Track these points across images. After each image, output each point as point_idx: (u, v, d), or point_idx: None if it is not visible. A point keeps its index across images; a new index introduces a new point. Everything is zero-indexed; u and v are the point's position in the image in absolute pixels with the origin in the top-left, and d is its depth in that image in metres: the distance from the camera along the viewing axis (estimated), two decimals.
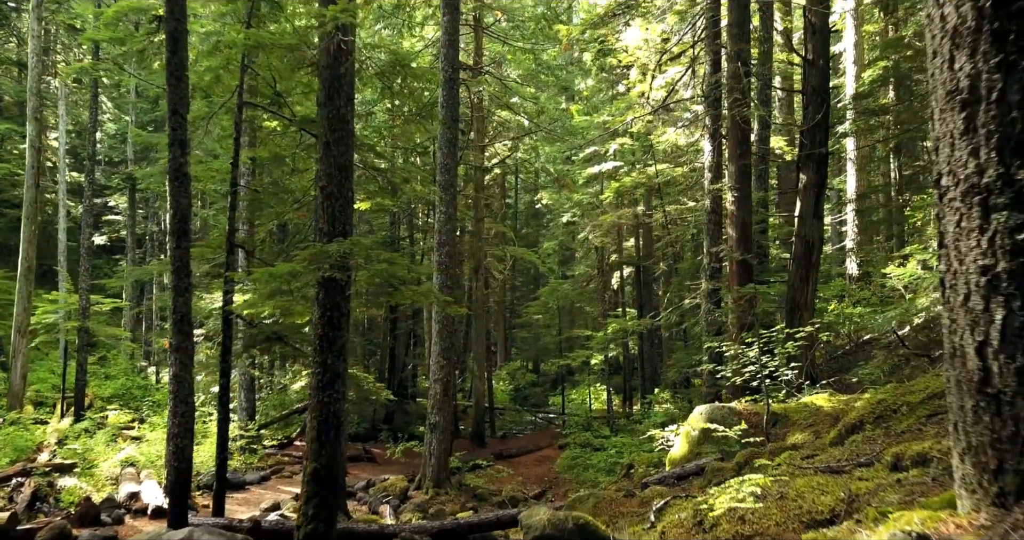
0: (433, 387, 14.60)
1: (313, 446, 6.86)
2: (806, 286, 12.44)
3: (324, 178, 7.18)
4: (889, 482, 3.32)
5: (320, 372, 6.98)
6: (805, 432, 7.57)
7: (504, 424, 27.66)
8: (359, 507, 13.19)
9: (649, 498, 7.19)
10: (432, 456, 14.37)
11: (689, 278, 22.04)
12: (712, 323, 13.00)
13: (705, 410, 8.80)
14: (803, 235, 12.48)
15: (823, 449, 5.59)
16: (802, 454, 5.39)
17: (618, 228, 25.79)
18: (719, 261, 13.33)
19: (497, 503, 14.49)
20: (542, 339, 30.49)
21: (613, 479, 15.81)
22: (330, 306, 7.01)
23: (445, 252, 14.68)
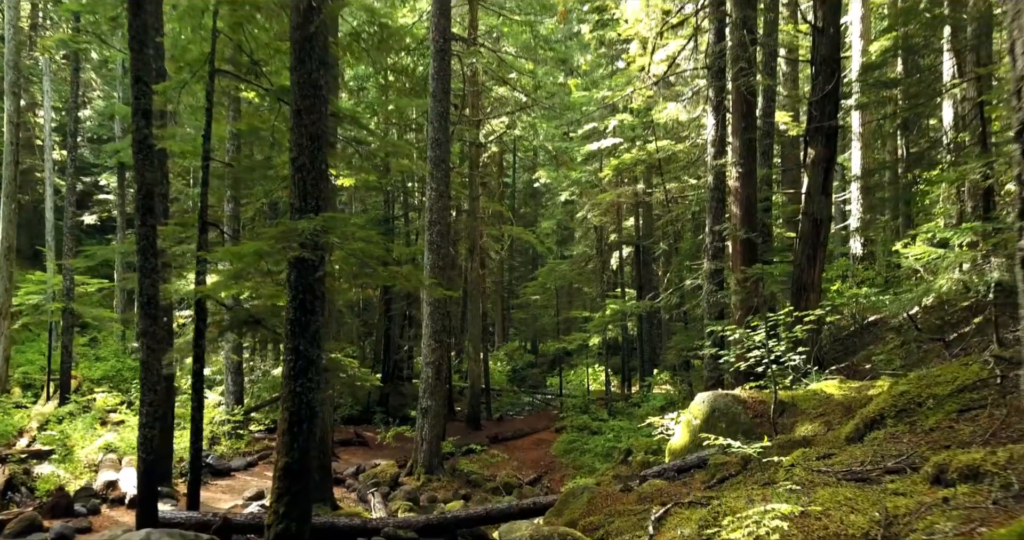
0: (425, 370, 14.12)
1: (284, 439, 6.35)
2: (813, 266, 11.89)
3: (295, 149, 6.60)
4: (934, 500, 2.81)
5: (292, 359, 6.46)
6: (815, 423, 7.07)
7: (501, 406, 27.26)
8: (347, 494, 12.77)
9: (648, 494, 6.71)
10: (424, 441, 13.93)
11: (690, 258, 21.49)
12: (714, 305, 12.46)
13: (707, 398, 8.30)
14: (810, 212, 11.90)
15: (840, 447, 5.07)
16: (817, 452, 4.87)
17: (617, 207, 25.16)
18: (722, 240, 12.76)
19: (491, 490, 14.09)
20: (539, 320, 30.03)
21: (610, 465, 15.38)
22: (303, 288, 6.47)
23: (437, 231, 14.11)
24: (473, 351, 21.52)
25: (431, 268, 14.07)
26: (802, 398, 8.01)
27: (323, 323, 6.64)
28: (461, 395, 25.67)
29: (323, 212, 6.53)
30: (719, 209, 12.90)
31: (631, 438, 15.69)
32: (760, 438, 7.58)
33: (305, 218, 6.18)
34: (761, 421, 7.79)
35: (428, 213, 14.23)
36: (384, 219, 26.58)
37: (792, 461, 4.78)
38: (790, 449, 6.24)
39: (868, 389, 7.62)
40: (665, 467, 7.57)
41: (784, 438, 6.52)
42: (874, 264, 23.60)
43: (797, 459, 4.78)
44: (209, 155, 8.85)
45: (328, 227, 6.19)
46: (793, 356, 8.66)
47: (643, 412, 16.67)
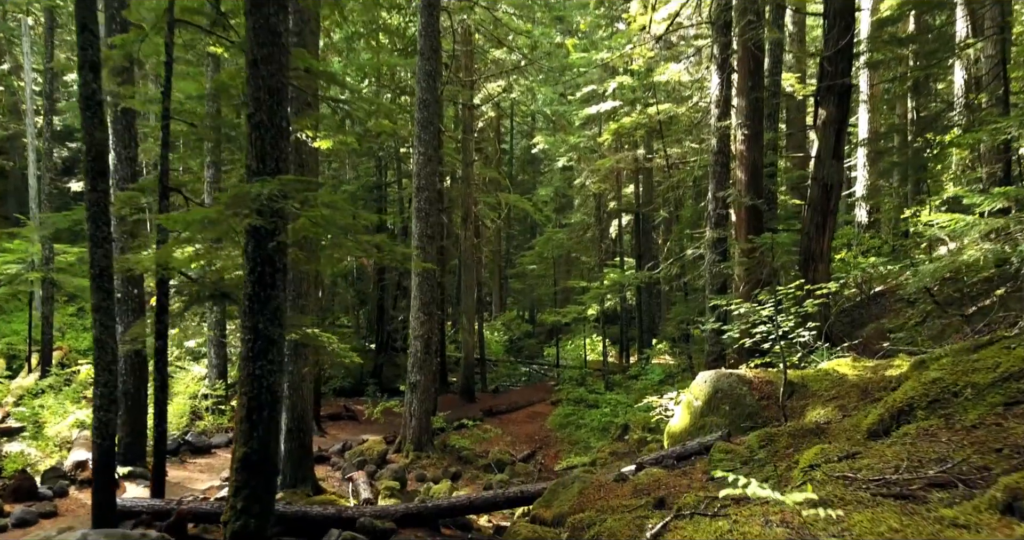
0: (414, 344, 13.52)
1: (242, 427, 5.74)
2: (822, 235, 11.20)
3: (252, 104, 5.86)
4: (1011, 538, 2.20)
5: (251, 339, 5.81)
6: (828, 407, 6.46)
7: (497, 377, 26.80)
8: (332, 473, 12.26)
9: (644, 486, 6.12)
10: (412, 417, 13.39)
11: (691, 226, 20.81)
12: (716, 276, 11.81)
13: (710, 377, 7.68)
14: (820, 178, 11.17)
15: (862, 442, 4.44)
16: (838, 449, 4.24)
17: (617, 173, 24.37)
18: (725, 207, 12.05)
19: (483, 467, 13.60)
20: (536, 290, 29.40)
21: (607, 441, 14.90)
22: (261, 260, 5.79)
23: (425, 198, 13.39)
24: (467, 322, 20.94)
25: (419, 237, 13.39)
26: (812, 378, 7.39)
27: (286, 298, 5.98)
28: (457, 365, 25.20)
29: (284, 174, 5.82)
30: (723, 174, 12.17)
31: (628, 413, 15.18)
32: (766, 422, 6.99)
33: (260, 181, 5.48)
34: (768, 404, 7.18)
35: (416, 178, 13.49)
36: (377, 186, 25.82)
37: (810, 460, 4.16)
38: (802, 439, 5.64)
39: (885, 369, 7.00)
40: (663, 454, 6.99)
41: (794, 425, 5.91)
42: (880, 232, 22.93)
43: (815, 458, 4.15)
44: (168, 114, 8.09)
45: (287, 191, 5.49)
46: (802, 332, 8.03)
47: (641, 386, 16.14)
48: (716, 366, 11.70)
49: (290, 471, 10.34)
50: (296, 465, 10.35)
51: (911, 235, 19.86)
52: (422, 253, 13.34)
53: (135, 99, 9.56)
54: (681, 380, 15.95)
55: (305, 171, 10.43)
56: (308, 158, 10.46)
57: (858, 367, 7.35)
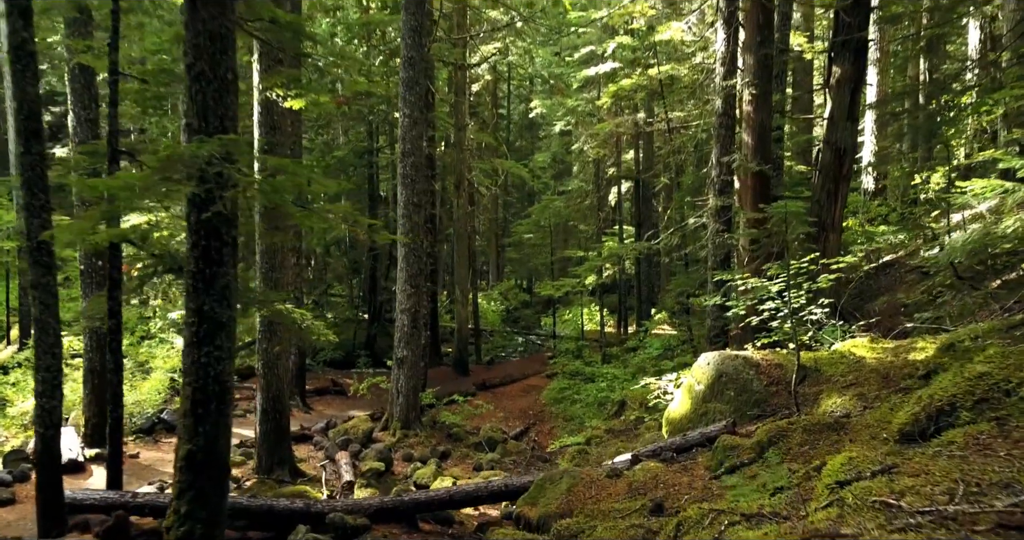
0: (400, 318, 12.86)
1: (186, 422, 5.08)
2: (834, 203, 10.48)
3: (191, 52, 5.08)
4: None
5: (195, 322, 5.12)
6: (846, 395, 5.80)
7: (492, 348, 26.27)
8: (314, 453, 11.69)
9: (640, 483, 5.50)
10: (400, 394, 12.80)
11: (692, 194, 20.03)
12: (720, 247, 11.09)
13: (713, 360, 7.02)
14: (833, 141, 10.40)
15: (895, 450, 3.78)
16: (868, 458, 3.57)
17: (616, 138, 23.49)
18: (730, 173, 11.27)
19: (473, 445, 13.05)
20: (532, 260, 28.65)
21: (602, 419, 14.35)
22: (206, 233, 5.08)
23: (411, 163, 12.60)
24: (460, 294, 20.28)
25: (405, 205, 12.64)
26: (826, 361, 6.73)
27: (236, 276, 5.28)
28: (452, 336, 24.62)
29: (231, 134, 5.06)
30: (728, 138, 11.36)
31: (625, 388, 14.60)
32: (775, 411, 6.34)
33: (197, 141, 4.73)
34: (777, 390, 6.53)
35: (401, 143, 12.68)
36: (368, 151, 24.91)
37: (836, 473, 3.50)
38: (819, 435, 4.99)
39: (908, 351, 6.33)
40: (661, 445, 6.36)
41: (809, 419, 5.25)
42: (887, 200, 22.14)
43: (843, 471, 3.49)
44: (116, 69, 7.29)
45: (230, 153, 4.75)
46: (814, 309, 7.36)
47: (639, 360, 15.54)
48: (718, 342, 11.06)
49: (265, 454, 9.77)
50: (272, 448, 9.77)
51: (921, 202, 19.14)
52: (408, 222, 12.61)
53: (88, 54, 8.72)
54: (680, 354, 15.35)
55: (277, 134, 9.65)
56: (280, 120, 9.67)
57: (877, 349, 6.68)
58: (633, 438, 11.80)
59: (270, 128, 9.53)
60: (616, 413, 13.97)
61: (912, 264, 15.38)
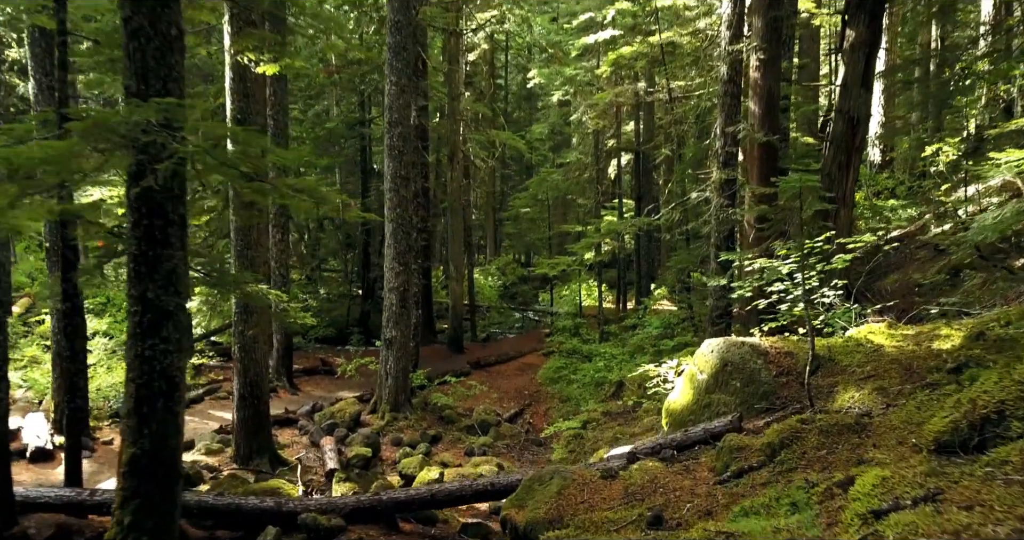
0: (388, 297, 12.32)
1: (130, 422, 4.55)
2: (846, 176, 9.87)
3: (126, 5, 4.45)
4: None
5: (138, 311, 4.56)
6: (865, 388, 5.26)
7: (488, 325, 25.77)
8: (299, 438, 11.23)
9: (637, 487, 4.98)
10: (388, 375, 12.31)
11: (694, 166, 19.38)
12: (723, 223, 10.48)
13: (717, 347, 6.48)
14: (846, 109, 9.75)
15: (935, 468, 3.24)
16: (903, 477, 3.04)
17: (616, 109, 22.71)
18: (735, 144, 10.61)
19: (465, 428, 12.60)
20: (529, 235, 27.99)
21: (600, 400, 13.88)
22: (148, 211, 4.50)
23: (398, 134, 11.95)
24: (455, 270, 19.71)
25: (392, 178, 12.01)
26: (841, 349, 6.18)
27: (184, 258, 4.71)
28: (447, 312, 24.12)
29: (176, 97, 4.45)
30: (733, 107, 10.66)
31: (623, 367, 14.13)
32: (785, 404, 5.81)
33: (131, 105, 4.13)
34: (787, 381, 6.00)
35: (388, 112, 12.02)
36: (360, 122, 24.15)
37: (867, 498, 2.96)
38: (838, 438, 4.46)
39: (931, 339, 5.78)
40: (661, 442, 5.83)
41: (827, 419, 4.71)
42: (894, 172, 21.46)
43: (875, 494, 2.96)
44: (65, 28, 6.63)
45: (170, 119, 4.14)
46: (826, 291, 6.81)
47: (637, 340, 15.04)
48: (720, 323, 10.53)
49: (244, 442, 9.28)
50: (251, 435, 9.28)
51: (931, 175, 18.48)
52: (395, 196, 12.00)
53: (43, 14, 8.03)
54: (681, 333, 14.84)
55: (251, 102, 9.00)
56: (254, 87, 9.01)
57: (896, 336, 6.13)
58: (631, 421, 11.32)
59: (243, 96, 8.88)
60: (614, 394, 13.50)
61: (923, 240, 14.80)
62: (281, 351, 14.27)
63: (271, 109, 13.79)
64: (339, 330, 22.46)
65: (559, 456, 10.82)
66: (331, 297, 25.97)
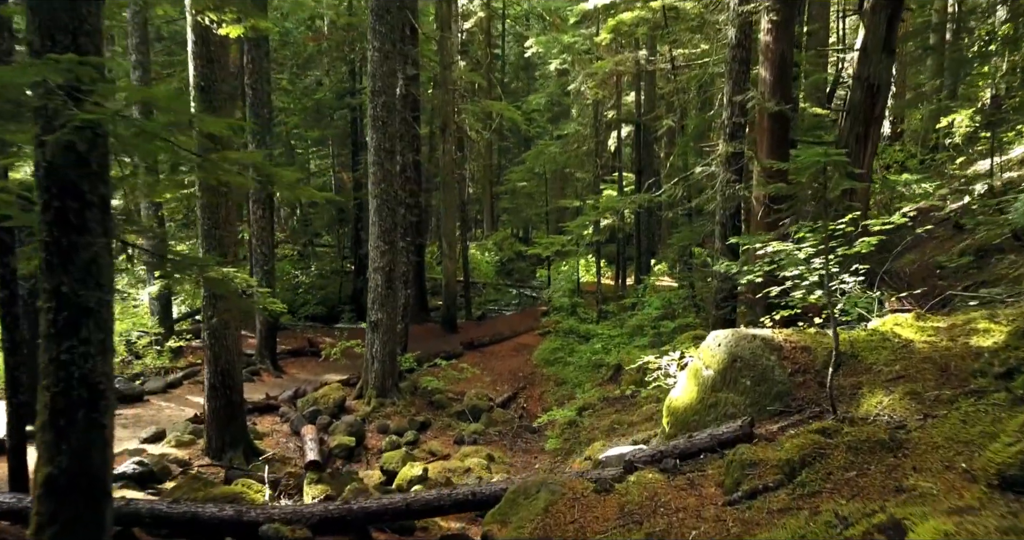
0: (373, 278, 11.66)
1: (46, 437, 3.91)
2: (863, 149, 9.14)
3: None
4: None
5: (52, 308, 3.89)
6: (895, 392, 4.62)
7: (484, 302, 25.17)
8: (279, 427, 10.66)
9: (635, 505, 4.38)
10: (375, 360, 11.71)
11: (696, 139, 18.58)
12: (730, 199, 9.78)
13: (725, 340, 5.83)
14: (866, 76, 8.99)
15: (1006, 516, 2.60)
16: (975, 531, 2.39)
17: (616, 78, 21.84)
18: (743, 114, 9.86)
19: (456, 414, 12.04)
20: (525, 211, 27.18)
21: (597, 384, 13.30)
22: (59, 190, 3.80)
23: (382, 104, 11.19)
24: (448, 247, 19.01)
25: (376, 150, 11.27)
26: (864, 344, 5.53)
27: (108, 245, 4.03)
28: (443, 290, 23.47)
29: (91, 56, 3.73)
30: (742, 73, 9.89)
31: (621, 349, 13.52)
32: (802, 407, 5.18)
33: (26, 64, 3.41)
34: (805, 380, 5.36)
35: (371, 80, 11.24)
36: (349, 92, 23.24)
37: None
38: (869, 457, 3.82)
39: (967, 333, 5.13)
40: (662, 448, 5.21)
41: (855, 432, 4.08)
42: (905, 144, 20.64)
43: None
44: None
45: (79, 80, 3.43)
46: (846, 277, 6.14)
47: (637, 320, 14.41)
48: (725, 307, 9.88)
49: (215, 434, 8.69)
50: (223, 427, 8.69)
51: (948, 147, 17.71)
52: (380, 170, 11.27)
53: None
54: (682, 314, 14.21)
55: (216, 68, 8.24)
56: (219, 51, 8.24)
57: (926, 329, 5.47)
58: (630, 408, 10.74)
59: (207, 61, 8.12)
60: (611, 378, 12.91)
61: (939, 217, 14.11)
62: (265, 332, 13.66)
63: (249, 77, 13.02)
64: (330, 308, 21.85)
65: (553, 445, 10.26)
66: (324, 273, 25.30)
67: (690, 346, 9.46)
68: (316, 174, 29.88)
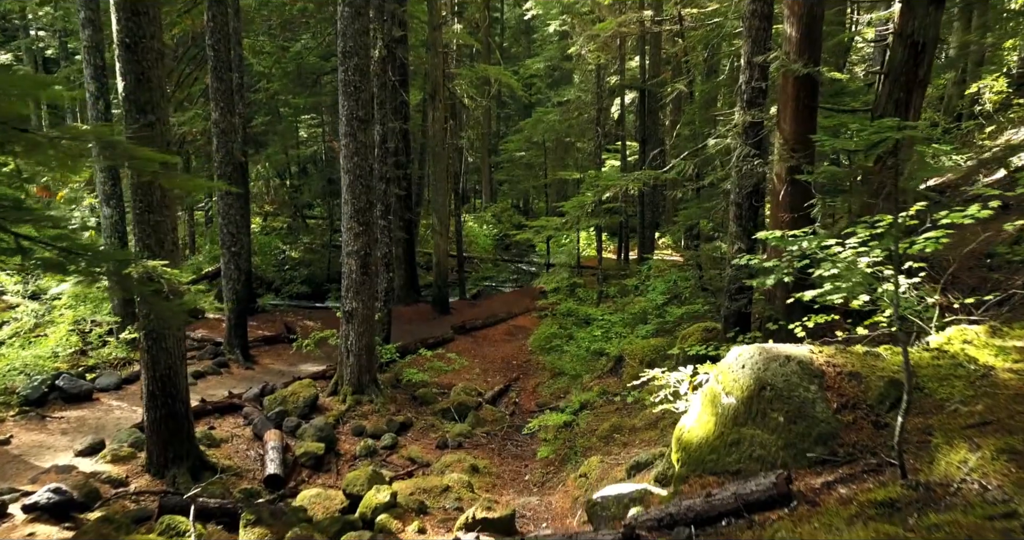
0: (347, 263, 10.49)
1: None
2: (905, 117, 7.86)
3: None
4: None
5: None
6: (984, 447, 3.46)
7: (480, 278, 24.05)
8: (241, 430, 9.57)
9: None
10: (350, 353, 10.60)
11: (705, 106, 17.23)
12: (748, 176, 8.52)
13: (750, 360, 4.66)
14: (908, 32, 7.68)
15: None
16: None
17: (620, 41, 20.35)
18: (764, 78, 8.56)
19: (440, 412, 10.98)
20: (522, 183, 25.87)
21: (596, 373, 12.21)
22: None
23: (353, 66, 9.89)
24: (439, 223, 17.79)
25: (348, 120, 10.01)
26: (930, 370, 4.37)
27: None
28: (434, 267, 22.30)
29: None
30: (763, 31, 8.55)
31: (623, 340, 12.40)
32: (853, 457, 4.04)
33: None
34: (854, 419, 4.19)
35: (340, 39, 9.91)
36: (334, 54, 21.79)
37: None
38: None
39: None
40: (671, 512, 4.07)
41: (939, 516, 2.93)
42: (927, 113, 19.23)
43: None
44: None
45: None
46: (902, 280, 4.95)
47: (640, 308, 13.26)
48: (740, 299, 8.70)
49: (157, 450, 7.61)
50: (165, 441, 7.59)
51: (977, 115, 16.38)
52: (352, 142, 10.02)
53: None
54: (689, 299, 13.05)
55: (144, 22, 6.96)
56: (148, 1, 6.94)
57: (1008, 349, 4.30)
58: (631, 408, 9.68)
59: (132, 14, 6.85)
60: (612, 370, 11.83)
61: (973, 191, 12.86)
62: (234, 319, 12.54)
63: (210, 37, 11.69)
64: (317, 285, 20.73)
65: (545, 453, 9.20)
66: (315, 247, 24.15)
67: (700, 344, 8.32)
68: (306, 142, 28.54)
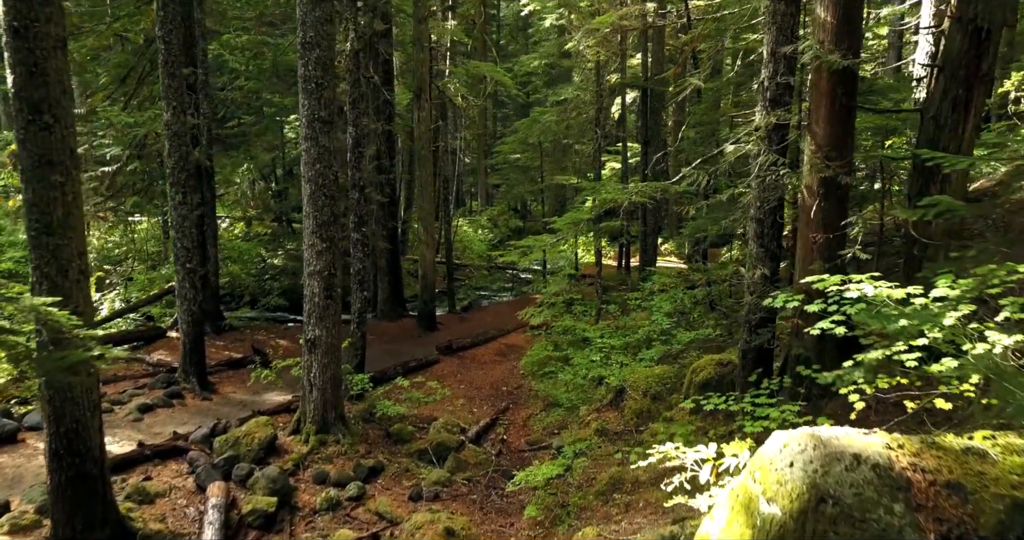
0: (308, 285, 9.19)
1: None
2: (964, 119, 6.58)
3: None
4: None
5: None
6: None
7: (473, 287, 22.74)
8: (183, 480, 8.27)
9: None
10: (313, 387, 9.31)
11: (713, 105, 15.99)
12: (771, 188, 7.22)
13: (800, 457, 3.35)
14: (970, 16, 6.39)
15: None
16: None
17: (621, 36, 19.04)
18: (790, 72, 7.24)
19: (417, 453, 9.68)
20: (517, 187, 24.53)
21: (595, 405, 10.93)
22: None
23: (315, 59, 8.60)
24: (425, 232, 16.48)
25: (309, 120, 8.71)
26: None
27: None
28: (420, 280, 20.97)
29: None
30: (789, 17, 7.21)
31: (624, 368, 11.09)
32: None
33: None
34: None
35: (300, 29, 8.62)
36: None
37: None
38: None
39: None
40: None
41: None
42: None
43: None
44: None
45: None
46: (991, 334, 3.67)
47: (643, 333, 11.94)
48: (762, 333, 7.39)
49: (63, 518, 6.30)
50: (73, 508, 6.30)
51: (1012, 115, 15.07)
52: (314, 146, 8.73)
53: None
54: (698, 321, 11.76)
55: (36, 4, 5.69)
56: None
57: None
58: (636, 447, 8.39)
59: None
60: (612, 402, 10.54)
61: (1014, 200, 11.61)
62: (189, 343, 11.24)
63: (160, 28, 10.40)
64: (297, 297, 19.39)
65: (533, 512, 7.89)
66: (298, 254, 22.82)
67: (714, 388, 7.02)
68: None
